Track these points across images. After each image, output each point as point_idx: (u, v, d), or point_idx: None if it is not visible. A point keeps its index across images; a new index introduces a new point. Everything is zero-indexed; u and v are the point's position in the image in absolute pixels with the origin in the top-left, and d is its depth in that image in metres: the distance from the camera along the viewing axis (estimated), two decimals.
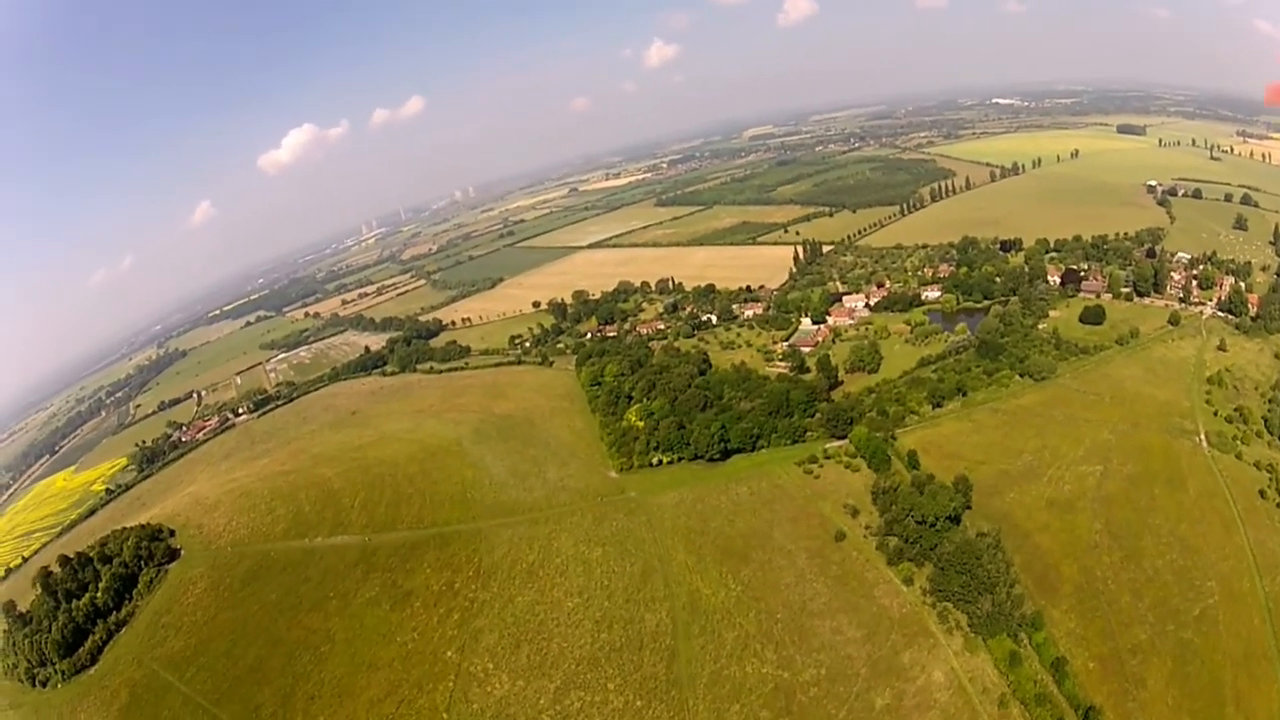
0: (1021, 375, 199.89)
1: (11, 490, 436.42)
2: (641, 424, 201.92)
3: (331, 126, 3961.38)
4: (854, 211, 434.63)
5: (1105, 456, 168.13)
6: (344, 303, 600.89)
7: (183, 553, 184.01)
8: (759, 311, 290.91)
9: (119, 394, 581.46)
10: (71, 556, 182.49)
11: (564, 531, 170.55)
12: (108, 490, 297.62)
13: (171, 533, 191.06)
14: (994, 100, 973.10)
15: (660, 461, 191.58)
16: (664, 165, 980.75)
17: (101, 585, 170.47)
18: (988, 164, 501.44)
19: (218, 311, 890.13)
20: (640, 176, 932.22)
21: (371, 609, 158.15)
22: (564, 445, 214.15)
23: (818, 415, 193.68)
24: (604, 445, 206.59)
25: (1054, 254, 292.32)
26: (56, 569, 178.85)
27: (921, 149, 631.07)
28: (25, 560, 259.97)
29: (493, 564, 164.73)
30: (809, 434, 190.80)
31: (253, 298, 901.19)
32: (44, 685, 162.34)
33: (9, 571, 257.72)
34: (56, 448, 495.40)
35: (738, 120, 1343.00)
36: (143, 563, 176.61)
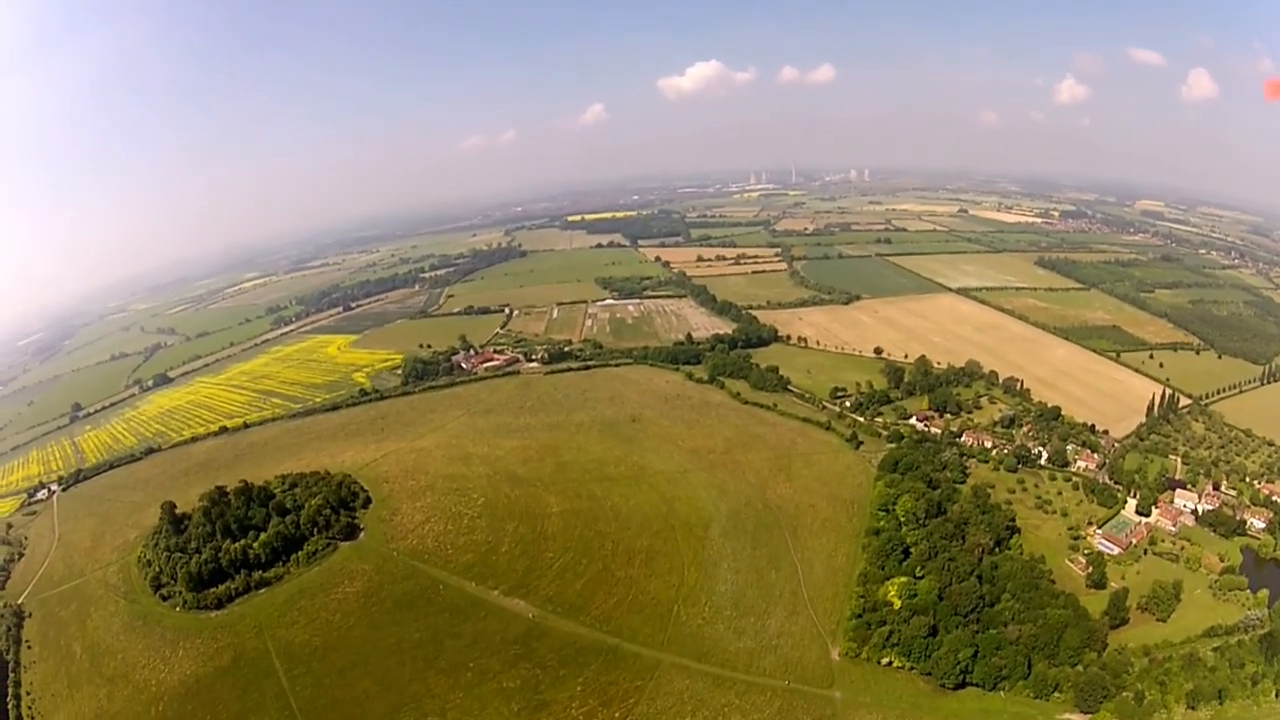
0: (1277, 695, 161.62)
1: (288, 330, 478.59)
2: (898, 603, 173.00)
3: (739, 70, 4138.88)
4: (1220, 356, 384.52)
5: None
6: (699, 259, 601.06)
7: (362, 536, 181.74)
8: (1090, 466, 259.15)
9: (442, 271, 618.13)
10: (252, 489, 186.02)
11: (738, 714, 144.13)
12: (362, 391, 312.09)
13: (366, 502, 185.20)
14: None
15: (890, 663, 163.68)
16: (1055, 214, 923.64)
17: (262, 538, 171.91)
18: None
19: (579, 218, 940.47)
20: (1030, 219, 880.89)
21: (500, 702, 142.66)
22: (810, 583, 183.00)
23: (1080, 666, 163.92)
24: (848, 609, 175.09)
25: None
26: (232, 498, 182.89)
27: None
28: (246, 427, 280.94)
29: (644, 717, 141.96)
30: (1056, 693, 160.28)
31: (617, 215, 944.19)
32: (165, 599, 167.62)
33: (224, 430, 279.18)
34: (353, 304, 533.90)
35: (1132, 185, 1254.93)
36: (317, 528, 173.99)
